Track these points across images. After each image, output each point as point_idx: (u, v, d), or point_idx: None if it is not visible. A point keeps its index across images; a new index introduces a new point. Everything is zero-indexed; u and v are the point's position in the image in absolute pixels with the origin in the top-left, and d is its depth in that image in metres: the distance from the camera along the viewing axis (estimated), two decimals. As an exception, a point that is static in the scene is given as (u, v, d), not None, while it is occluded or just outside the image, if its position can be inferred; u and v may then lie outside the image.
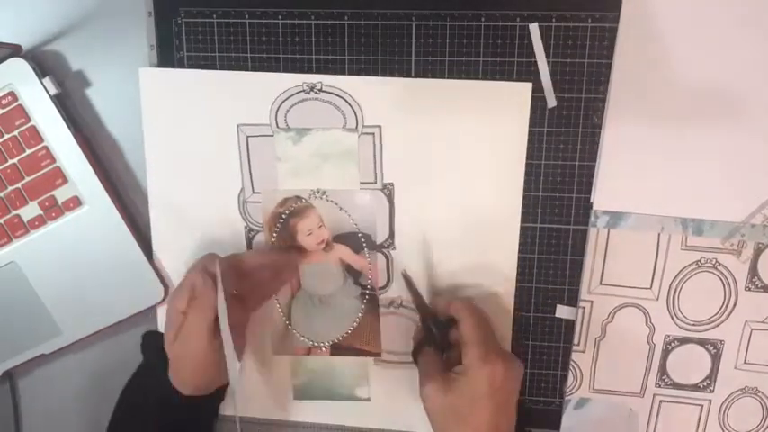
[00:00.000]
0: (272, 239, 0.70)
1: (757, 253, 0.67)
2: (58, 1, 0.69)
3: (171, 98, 0.69)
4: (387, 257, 0.70)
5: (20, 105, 0.68)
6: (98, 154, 0.71)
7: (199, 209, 0.71)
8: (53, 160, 0.69)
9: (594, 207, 0.67)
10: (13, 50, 0.68)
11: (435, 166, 0.67)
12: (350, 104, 0.67)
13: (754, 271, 0.67)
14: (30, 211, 0.70)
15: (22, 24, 0.69)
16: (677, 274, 0.68)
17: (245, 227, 0.71)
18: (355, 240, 0.70)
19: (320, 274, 0.71)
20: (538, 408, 0.72)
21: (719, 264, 0.67)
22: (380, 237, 0.70)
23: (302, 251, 0.70)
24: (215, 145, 0.69)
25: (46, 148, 0.68)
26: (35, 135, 0.68)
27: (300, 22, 0.66)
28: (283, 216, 0.70)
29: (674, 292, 0.68)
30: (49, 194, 0.69)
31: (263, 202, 0.70)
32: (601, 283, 0.69)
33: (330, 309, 0.72)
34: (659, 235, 0.67)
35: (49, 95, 0.68)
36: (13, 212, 0.70)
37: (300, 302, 0.72)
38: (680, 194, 0.66)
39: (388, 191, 0.68)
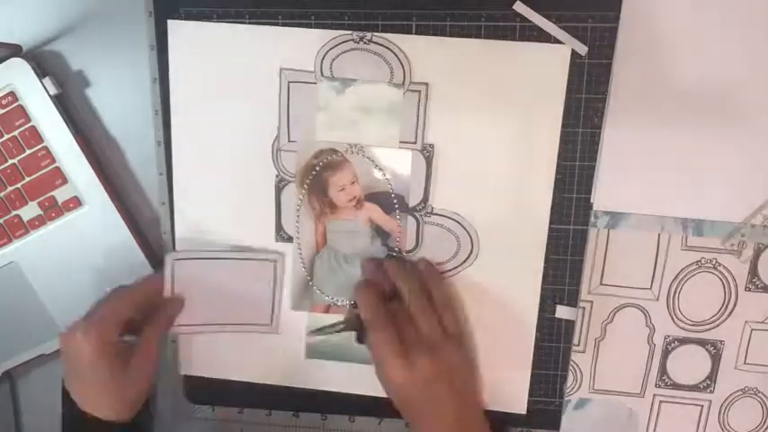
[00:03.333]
0: (303, 191, 0.69)
1: (757, 253, 0.67)
2: (57, 1, 0.69)
3: (204, 48, 0.68)
4: (418, 221, 0.69)
5: (20, 105, 0.68)
6: (98, 154, 0.71)
7: (228, 157, 0.70)
8: (53, 160, 0.69)
9: (594, 207, 0.67)
10: (13, 50, 0.68)
11: (479, 129, 0.66)
12: (399, 58, 0.66)
13: (754, 271, 0.67)
14: (30, 211, 0.70)
15: (22, 24, 0.69)
16: (677, 275, 0.68)
17: (277, 176, 0.70)
18: (387, 200, 0.69)
19: (348, 233, 0.70)
20: (538, 408, 0.72)
21: (719, 264, 0.67)
22: (414, 199, 0.69)
23: (332, 206, 0.70)
24: (253, 90, 0.68)
25: (46, 148, 0.69)
26: (35, 135, 0.68)
27: (300, 21, 0.66)
28: (317, 168, 0.69)
29: (674, 293, 0.68)
30: (48, 194, 0.69)
31: (299, 151, 0.69)
32: (601, 284, 0.69)
33: (354, 268, 0.71)
34: (659, 235, 0.67)
35: (49, 95, 0.68)
36: (13, 212, 0.70)
37: (324, 259, 0.71)
38: (680, 194, 0.66)
39: (428, 152, 0.67)
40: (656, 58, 0.64)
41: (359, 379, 0.73)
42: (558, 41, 0.64)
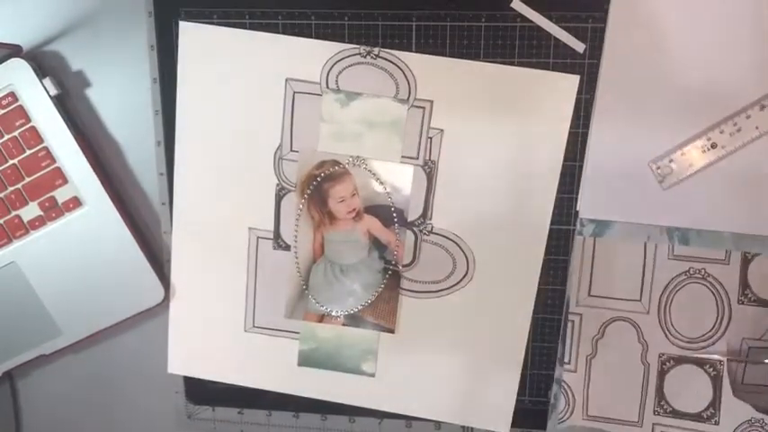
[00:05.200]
0: (303, 200, 0.70)
1: (745, 263, 0.65)
2: (58, 1, 0.70)
3: (212, 52, 0.68)
4: (416, 235, 0.69)
5: (20, 106, 0.68)
6: (98, 154, 0.72)
7: (230, 162, 0.70)
8: (53, 161, 0.69)
9: (581, 215, 0.66)
10: (13, 50, 0.69)
11: (481, 151, 0.66)
12: (405, 74, 0.66)
13: (744, 283, 0.65)
14: (30, 211, 0.70)
15: (22, 24, 0.70)
16: (666, 285, 0.66)
17: (277, 184, 0.70)
18: (387, 214, 0.69)
19: (346, 244, 0.70)
20: (536, 408, 0.71)
21: (709, 275, 0.65)
22: (413, 214, 0.69)
23: (331, 217, 0.70)
24: (258, 98, 0.68)
25: (46, 148, 0.69)
26: (35, 135, 0.69)
27: (300, 22, 0.66)
28: (318, 179, 0.69)
29: (665, 305, 0.66)
30: (49, 195, 0.70)
31: (300, 161, 0.69)
32: (589, 295, 0.67)
33: (350, 279, 0.71)
34: (645, 244, 0.66)
35: (50, 96, 0.68)
36: (14, 213, 0.70)
37: (321, 269, 0.71)
38: (666, 203, 0.64)
39: (429, 168, 0.68)
40: (645, 61, 0.63)
41: (351, 388, 0.73)
42: (566, 71, 0.64)
